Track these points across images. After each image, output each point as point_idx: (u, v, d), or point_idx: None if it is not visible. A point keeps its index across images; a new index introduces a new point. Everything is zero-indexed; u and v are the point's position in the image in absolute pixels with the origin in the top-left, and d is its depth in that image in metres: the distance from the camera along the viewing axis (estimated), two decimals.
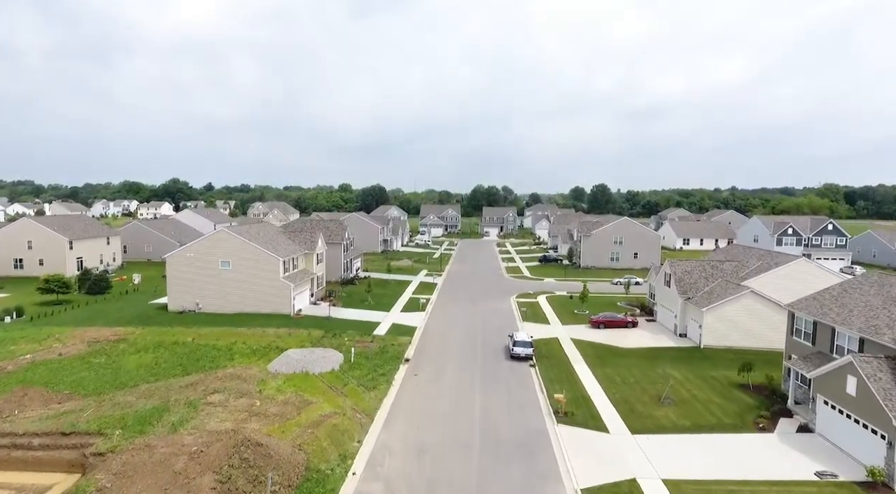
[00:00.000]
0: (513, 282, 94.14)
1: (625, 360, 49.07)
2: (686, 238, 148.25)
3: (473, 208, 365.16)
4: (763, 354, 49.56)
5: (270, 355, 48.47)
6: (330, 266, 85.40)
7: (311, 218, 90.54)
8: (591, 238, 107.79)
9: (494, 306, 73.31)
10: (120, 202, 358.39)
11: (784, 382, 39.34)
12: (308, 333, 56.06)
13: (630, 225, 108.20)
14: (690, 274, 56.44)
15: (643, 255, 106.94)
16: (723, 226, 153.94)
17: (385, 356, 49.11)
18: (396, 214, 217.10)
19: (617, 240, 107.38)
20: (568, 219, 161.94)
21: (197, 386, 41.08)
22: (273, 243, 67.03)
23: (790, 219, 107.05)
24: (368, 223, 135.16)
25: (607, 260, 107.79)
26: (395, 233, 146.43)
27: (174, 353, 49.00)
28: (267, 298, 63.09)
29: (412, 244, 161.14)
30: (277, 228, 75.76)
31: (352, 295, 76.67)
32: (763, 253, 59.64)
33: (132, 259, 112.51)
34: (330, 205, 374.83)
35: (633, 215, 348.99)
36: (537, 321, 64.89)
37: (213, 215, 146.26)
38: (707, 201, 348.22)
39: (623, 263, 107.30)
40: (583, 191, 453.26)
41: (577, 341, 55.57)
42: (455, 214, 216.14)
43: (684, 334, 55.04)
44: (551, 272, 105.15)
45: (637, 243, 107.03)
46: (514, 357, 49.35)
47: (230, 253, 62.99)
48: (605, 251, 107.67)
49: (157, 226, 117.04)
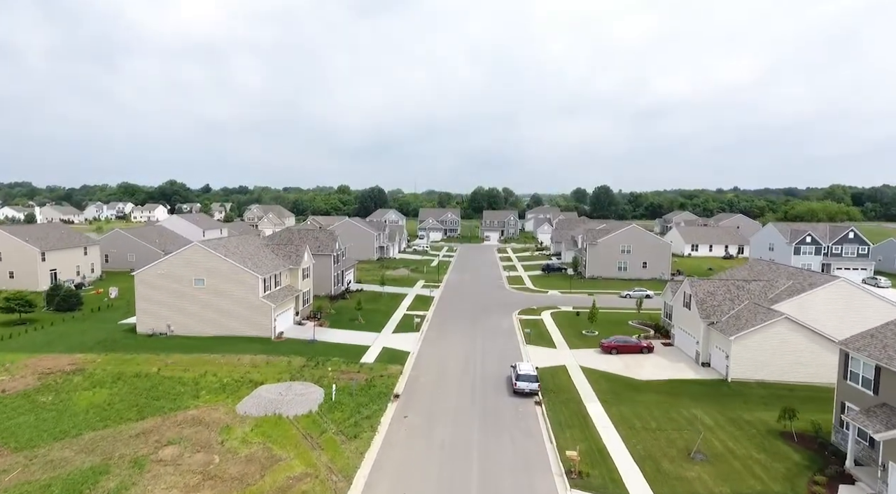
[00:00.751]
0: (515, 295, 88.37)
1: (643, 397, 43.29)
2: (695, 244, 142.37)
3: (474, 210, 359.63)
4: (801, 389, 43.82)
5: (241, 391, 42.77)
6: (319, 279, 79.73)
7: (299, 226, 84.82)
8: (597, 247, 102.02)
9: (495, 324, 67.56)
10: (115, 204, 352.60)
11: (836, 433, 33.61)
12: (288, 362, 50.34)
13: (638, 233, 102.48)
14: (714, 295, 50.65)
15: (652, 265, 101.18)
16: (732, 232, 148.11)
17: (372, 391, 43.36)
18: (394, 218, 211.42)
19: (624, 249, 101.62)
20: (571, 223, 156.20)
21: (150, 434, 35.40)
22: (253, 258, 61.32)
23: (808, 227, 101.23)
24: (363, 229, 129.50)
25: (614, 270, 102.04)
26: (392, 240, 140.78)
27: (133, 389, 43.28)
28: (245, 320, 57.37)
29: (410, 250, 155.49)
30: (260, 241, 70.11)
31: (341, 311, 70.94)
32: (794, 270, 53.87)
33: (115, 268, 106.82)
34: (328, 207, 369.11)
35: (636, 217, 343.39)
36: (542, 343, 59.13)
37: (201, 221, 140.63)
38: (711, 203, 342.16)
39: (631, 273, 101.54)
40: (585, 193, 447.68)
41: (587, 370, 49.80)
42: (455, 218, 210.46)
43: (707, 363, 49.26)
44: (555, 283, 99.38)
45: (646, 252, 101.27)
46: (517, 392, 43.62)
47: (204, 270, 57.29)
48: (612, 260, 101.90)
49: (140, 234, 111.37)
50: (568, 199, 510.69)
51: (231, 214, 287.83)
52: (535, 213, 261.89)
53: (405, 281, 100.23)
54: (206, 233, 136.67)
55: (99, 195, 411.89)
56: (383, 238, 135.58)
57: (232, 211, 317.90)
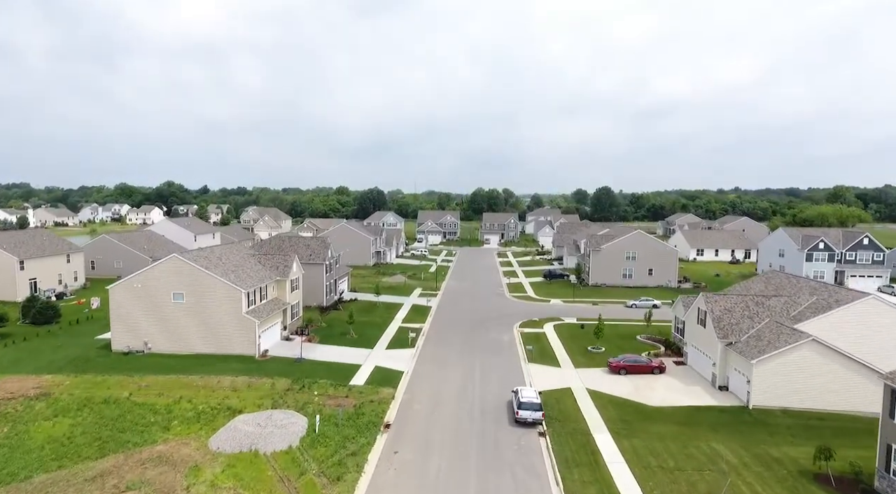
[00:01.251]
0: (515, 305, 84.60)
1: (657, 427, 39.51)
2: (700, 248, 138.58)
3: (474, 211, 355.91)
4: (832, 419, 40.05)
5: (217, 421, 39.02)
6: (310, 289, 75.99)
7: (291, 233, 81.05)
8: (600, 253, 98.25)
9: (495, 339, 63.80)
10: (111, 206, 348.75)
11: (880, 478, 29.86)
12: (271, 384, 46.59)
13: (643, 239, 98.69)
14: (731, 312, 46.88)
15: (659, 272, 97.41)
16: (738, 236, 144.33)
17: (360, 421, 39.59)
18: (392, 221, 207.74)
19: (629, 256, 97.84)
20: (572, 227, 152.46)
21: (108, 477, 31.65)
22: (237, 271, 57.54)
23: (820, 233, 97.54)
24: (360, 234, 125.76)
25: (619, 278, 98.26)
26: (389, 244, 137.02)
27: (99, 418, 39.53)
28: (227, 337, 53.59)
29: (408, 254, 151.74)
30: (247, 251, 66.31)
31: (333, 324, 67.17)
32: (816, 284, 50.08)
33: (101, 275, 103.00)
34: (326, 208, 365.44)
35: (637, 219, 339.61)
36: (545, 361, 55.37)
37: (194, 225, 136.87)
38: (714, 204, 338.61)
39: (636, 280, 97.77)
40: (585, 194, 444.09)
41: (594, 393, 46.04)
42: (454, 220, 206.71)
43: (725, 387, 45.49)
44: (557, 291, 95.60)
45: (652, 258, 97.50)
46: (519, 422, 39.86)
47: (184, 284, 53.52)
48: (617, 267, 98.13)
49: (127, 240, 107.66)
50: (568, 200, 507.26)
51: (228, 216, 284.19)
52: (536, 215, 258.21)
53: (402, 289, 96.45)
54: (199, 237, 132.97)
55: (95, 196, 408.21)
56: (380, 242, 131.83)
57: (229, 213, 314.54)
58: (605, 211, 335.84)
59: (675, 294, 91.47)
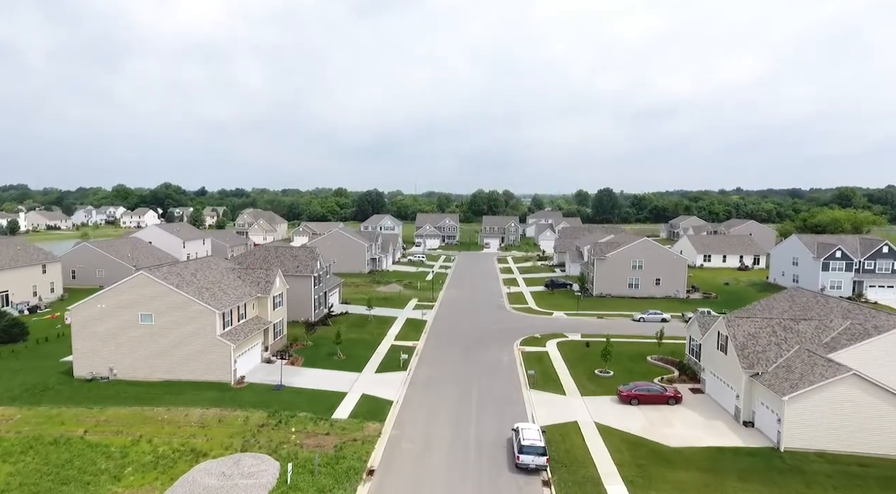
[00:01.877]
0: (516, 318, 79.87)
1: (677, 474, 34.73)
2: (707, 254, 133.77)
3: (474, 213, 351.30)
4: (878, 466, 35.27)
5: (178, 468, 34.33)
6: (297, 303, 71.32)
7: (276, 244, 76.22)
8: (605, 262, 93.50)
9: (494, 360, 59.08)
10: (106, 209, 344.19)
11: None
12: (245, 418, 41.88)
13: (651, 247, 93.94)
14: (756, 338, 42.13)
15: (666, 281, 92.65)
16: (746, 241, 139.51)
17: (340, 466, 34.87)
18: (390, 224, 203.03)
19: (636, 265, 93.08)
20: (575, 232, 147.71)
21: None
22: (213, 288, 52.81)
23: (836, 240, 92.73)
24: (354, 240, 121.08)
25: (624, 287, 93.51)
26: (385, 250, 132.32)
27: (44, 463, 34.84)
28: (200, 362, 48.88)
29: (405, 261, 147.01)
30: (225, 265, 61.56)
31: (320, 343, 62.40)
32: (848, 305, 45.34)
33: (82, 285, 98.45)
34: (325, 211, 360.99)
35: (639, 221, 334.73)
36: (548, 387, 50.63)
37: (183, 230, 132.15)
38: (717, 206, 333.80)
39: (643, 290, 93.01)
40: (587, 196, 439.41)
41: (604, 429, 41.27)
42: (453, 224, 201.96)
43: (751, 422, 40.73)
44: (560, 302, 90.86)
45: (659, 268, 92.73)
46: (520, 467, 35.13)
47: (153, 304, 48.81)
48: (623, 277, 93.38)
49: (110, 248, 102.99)
50: (569, 201, 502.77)
51: (224, 220, 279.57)
52: (537, 218, 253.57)
53: (396, 300, 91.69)
54: (188, 244, 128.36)
55: (91, 199, 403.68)
56: (375, 249, 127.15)
57: (225, 216, 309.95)
58: (607, 213, 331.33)
59: (684, 305, 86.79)
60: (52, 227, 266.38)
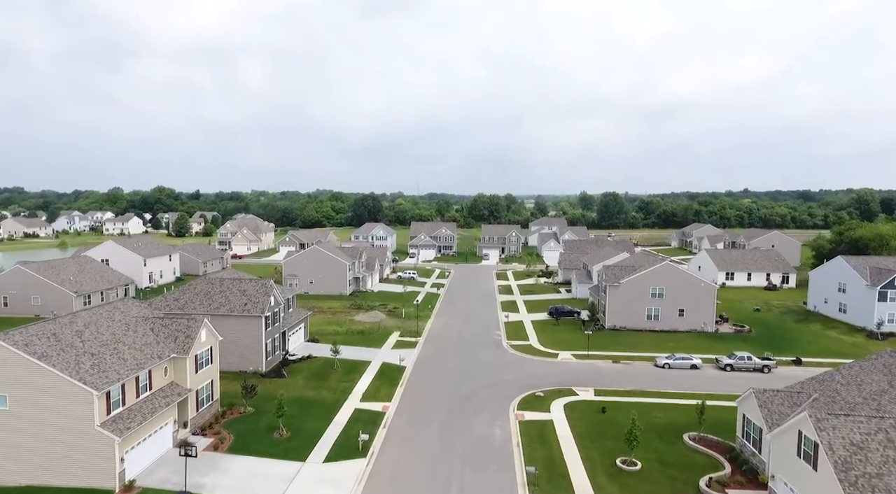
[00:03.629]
0: (514, 363, 66.29)
1: None
2: (730, 272, 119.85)
3: (474, 218, 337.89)
4: None
5: None
6: (244, 350, 58.12)
7: (220, 277, 62.84)
8: (619, 289, 79.81)
9: (483, 435, 45.54)
10: (94, 214, 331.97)
11: None
12: None
13: (673, 272, 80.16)
14: (864, 450, 28.47)
15: (693, 312, 78.91)
16: (772, 256, 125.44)
17: None
18: (382, 234, 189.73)
19: (656, 292, 79.35)
20: (581, 246, 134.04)
21: None
22: (102, 353, 39.32)
23: (892, 264, 78.83)
24: (334, 258, 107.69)
25: (642, 319, 79.79)
26: (370, 268, 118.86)
27: None
28: (72, 461, 35.46)
29: (394, 277, 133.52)
30: (139, 312, 47.92)
31: (264, 408, 48.72)
32: None
33: (15, 314, 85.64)
34: (319, 216, 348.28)
35: (647, 226, 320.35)
36: (553, 486, 37.08)
37: (145, 246, 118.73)
38: (728, 210, 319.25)
39: (665, 322, 79.27)
40: (591, 199, 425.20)
41: None
42: (450, 233, 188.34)
43: None
44: (567, 337, 77.24)
45: (683, 296, 78.99)
46: None
47: (8, 381, 35.46)
48: (640, 307, 79.68)
49: (50, 271, 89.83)
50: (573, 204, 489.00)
51: (211, 227, 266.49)
52: (540, 226, 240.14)
53: (374, 334, 78.16)
54: (150, 261, 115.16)
55: (80, 203, 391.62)
56: (359, 267, 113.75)
57: (214, 222, 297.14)
58: (613, 218, 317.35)
59: (715, 342, 73.10)
60: (31, 235, 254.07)
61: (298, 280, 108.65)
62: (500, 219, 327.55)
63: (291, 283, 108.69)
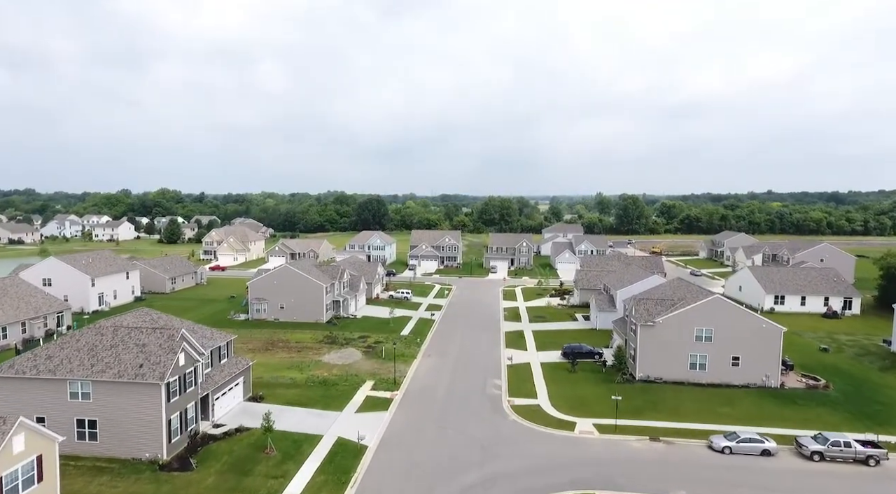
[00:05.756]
0: (515, 441, 48.87)
1: None
2: (780, 295, 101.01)
3: (484, 223, 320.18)
4: None
5: None
6: (136, 430, 41.68)
7: (112, 325, 45.47)
8: (654, 329, 62.02)
9: None
10: (89, 218, 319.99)
11: None
12: None
13: (726, 309, 62.04)
14: None
15: (750, 361, 60.85)
16: (830, 275, 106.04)
17: None
18: (379, 243, 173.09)
19: (702, 335, 61.43)
20: (601, 262, 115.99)
21: None
22: None
23: None
24: (308, 280, 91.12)
25: (684, 369, 61.91)
26: (354, 288, 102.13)
27: None
28: None
29: (386, 296, 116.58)
30: None
31: None
32: None
33: None
34: (323, 220, 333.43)
35: (669, 232, 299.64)
36: None
37: (95, 264, 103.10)
38: (757, 215, 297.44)
39: (714, 374, 61.33)
40: (609, 202, 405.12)
41: None
42: (454, 243, 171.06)
43: None
44: (587, 393, 59.66)
45: (739, 340, 60.96)
46: None
47: None
48: (681, 352, 61.82)
49: None
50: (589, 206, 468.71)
51: (203, 232, 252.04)
52: (554, 233, 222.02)
53: (339, 386, 61.28)
54: (100, 281, 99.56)
55: (78, 207, 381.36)
56: (339, 288, 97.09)
57: (210, 226, 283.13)
58: (633, 223, 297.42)
59: (783, 403, 54.98)
60: (16, 241, 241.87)
61: (267, 304, 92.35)
62: (512, 224, 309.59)
63: (258, 308, 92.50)
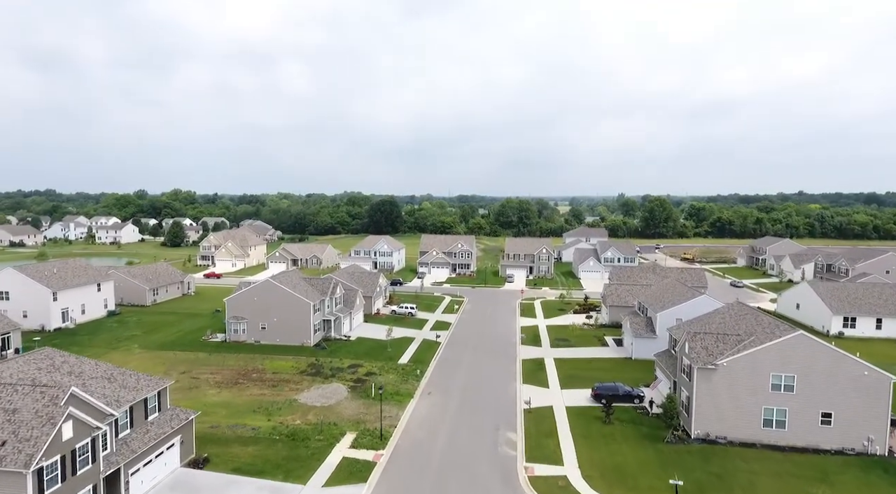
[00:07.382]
0: None
1: None
2: (850, 316, 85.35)
3: (501, 225, 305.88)
4: None
5: None
6: None
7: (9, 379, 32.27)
8: (717, 373, 47.66)
9: None
10: (98, 219, 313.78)
11: None
12: None
13: (813, 348, 47.37)
14: None
15: (846, 418, 46.20)
16: None
17: None
18: (386, 249, 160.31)
19: (781, 383, 46.94)
20: (633, 276, 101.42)
21: None
22: None
23: None
24: (293, 296, 78.43)
25: (755, 426, 47.44)
26: (349, 305, 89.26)
27: None
28: None
29: (388, 312, 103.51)
30: None
31: None
32: None
33: None
34: (334, 221, 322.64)
35: (698, 236, 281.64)
36: None
37: (60, 275, 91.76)
38: (795, 218, 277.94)
39: (795, 434, 46.80)
40: (632, 203, 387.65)
41: None
42: (467, 249, 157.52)
43: None
44: (627, 460, 45.63)
45: (830, 390, 46.37)
46: None
47: None
48: (752, 404, 47.41)
49: None
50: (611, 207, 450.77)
51: (206, 234, 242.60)
52: (576, 237, 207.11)
53: (309, 442, 48.15)
54: (63, 295, 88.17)
55: (89, 208, 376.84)
56: (330, 305, 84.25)
57: (220, 227, 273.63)
58: (660, 226, 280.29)
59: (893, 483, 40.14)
60: (17, 244, 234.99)
61: (246, 324, 79.95)
62: (530, 226, 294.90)
63: (237, 329, 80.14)
